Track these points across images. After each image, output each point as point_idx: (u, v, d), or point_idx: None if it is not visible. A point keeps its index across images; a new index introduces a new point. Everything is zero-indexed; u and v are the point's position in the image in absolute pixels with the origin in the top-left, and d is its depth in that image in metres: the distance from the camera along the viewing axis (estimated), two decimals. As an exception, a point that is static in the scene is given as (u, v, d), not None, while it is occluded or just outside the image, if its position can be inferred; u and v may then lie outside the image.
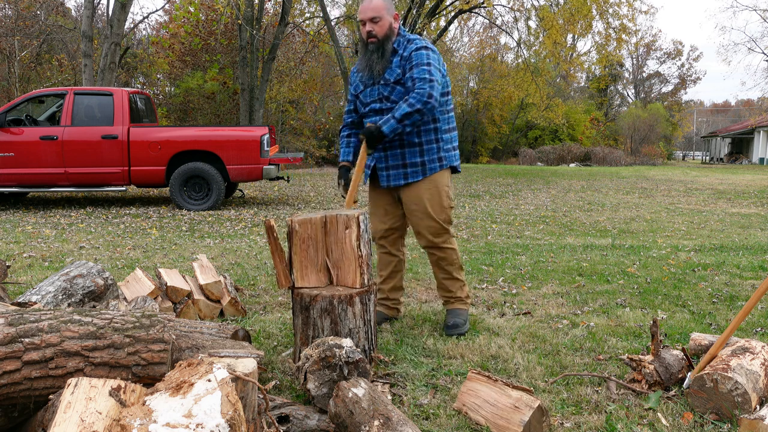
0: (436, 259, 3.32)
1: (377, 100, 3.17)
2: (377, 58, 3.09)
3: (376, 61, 3.09)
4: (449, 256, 3.29)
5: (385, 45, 3.08)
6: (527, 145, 34.07)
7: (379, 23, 3.06)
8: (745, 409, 2.20)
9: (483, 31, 31.60)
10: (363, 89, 3.23)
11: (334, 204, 9.83)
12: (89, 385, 1.57)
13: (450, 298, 3.38)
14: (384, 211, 3.34)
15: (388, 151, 3.18)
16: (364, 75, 3.20)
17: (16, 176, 8.53)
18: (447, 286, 3.35)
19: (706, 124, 56.97)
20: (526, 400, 2.11)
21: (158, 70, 24.57)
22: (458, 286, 3.35)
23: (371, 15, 3.05)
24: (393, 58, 3.10)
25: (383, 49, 3.08)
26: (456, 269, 3.33)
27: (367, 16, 3.06)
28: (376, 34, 3.06)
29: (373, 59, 3.10)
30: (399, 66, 3.08)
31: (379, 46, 3.08)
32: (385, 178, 3.22)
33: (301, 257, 2.73)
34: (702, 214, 8.95)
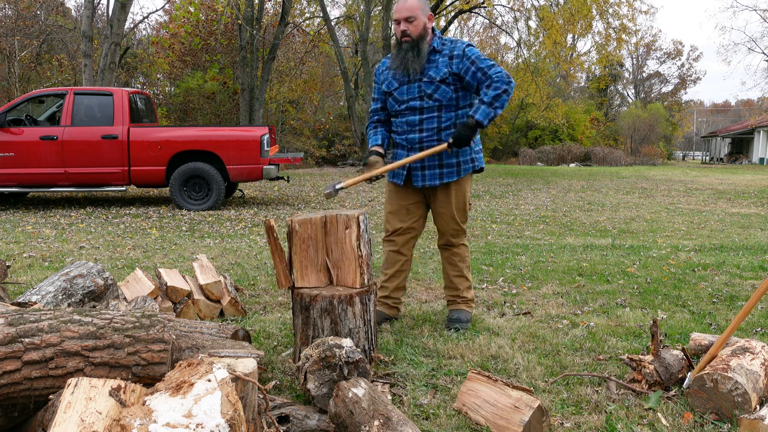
0: (449, 255, 3.41)
1: (417, 97, 3.19)
2: (413, 57, 3.13)
3: (412, 60, 3.13)
4: (462, 252, 3.41)
5: (419, 44, 3.13)
6: (527, 145, 34.06)
7: (414, 23, 3.10)
8: (745, 409, 2.20)
9: (483, 31, 31.64)
10: (398, 87, 3.24)
11: (334, 204, 9.83)
12: (89, 385, 1.57)
13: (456, 298, 3.42)
14: (406, 210, 3.36)
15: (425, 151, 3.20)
16: (398, 73, 3.22)
17: (16, 176, 8.53)
18: (456, 284, 3.40)
19: (706, 124, 56.98)
20: (526, 400, 2.11)
21: (158, 70, 24.57)
22: (466, 285, 3.42)
23: (406, 14, 3.10)
24: (434, 57, 3.15)
25: (418, 48, 3.13)
26: (466, 267, 3.43)
27: (402, 15, 3.11)
28: (410, 34, 3.11)
29: (408, 58, 3.13)
30: (447, 65, 3.12)
31: (413, 45, 3.13)
32: (420, 178, 3.26)
33: (301, 257, 2.73)
34: (702, 214, 8.95)
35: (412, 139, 3.23)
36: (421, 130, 3.21)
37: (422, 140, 3.21)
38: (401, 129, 3.27)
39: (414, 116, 3.21)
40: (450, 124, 3.19)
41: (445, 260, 3.45)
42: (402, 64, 3.16)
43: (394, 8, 3.18)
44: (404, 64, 3.16)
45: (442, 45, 3.17)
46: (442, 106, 3.17)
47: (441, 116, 3.18)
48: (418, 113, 3.20)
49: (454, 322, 3.30)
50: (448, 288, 3.46)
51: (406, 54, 3.14)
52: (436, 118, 3.18)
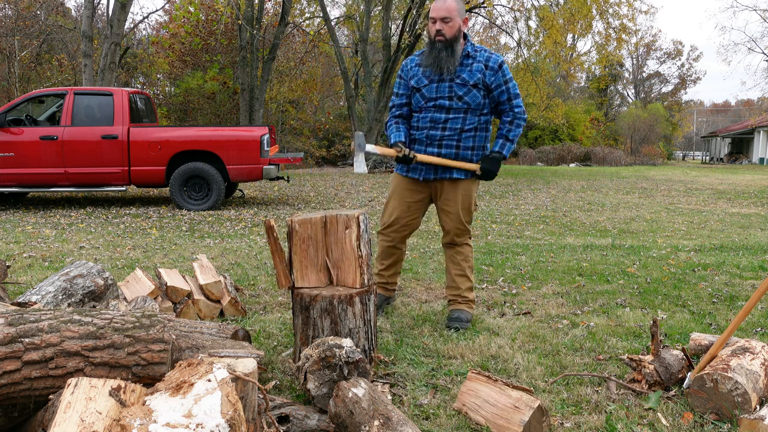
0: (452, 254, 3.48)
1: (447, 97, 3.25)
2: (446, 56, 3.18)
3: (446, 59, 3.18)
4: (466, 252, 3.47)
5: (453, 45, 3.19)
6: (527, 145, 34.05)
7: (450, 24, 3.16)
8: (745, 409, 2.20)
9: (483, 31, 31.64)
10: (427, 84, 3.28)
11: (334, 204, 9.83)
12: (89, 385, 1.57)
13: (458, 297, 3.45)
14: (407, 206, 3.43)
15: (443, 149, 3.29)
16: (428, 70, 3.27)
17: (16, 176, 8.52)
18: (457, 283, 3.45)
19: (706, 124, 56.97)
20: (526, 400, 2.11)
21: (158, 70, 24.58)
22: (467, 285, 3.46)
23: (444, 15, 3.14)
24: (467, 61, 3.24)
25: (452, 49, 3.18)
26: (468, 267, 3.48)
27: (439, 15, 3.15)
28: (445, 34, 3.16)
29: (441, 57, 3.18)
30: (481, 72, 3.22)
31: (447, 45, 3.18)
32: (433, 171, 3.33)
33: (301, 257, 2.73)
34: (702, 214, 8.95)
35: (433, 135, 3.29)
36: (444, 129, 3.28)
37: (443, 138, 3.28)
38: (423, 125, 3.32)
39: (440, 114, 3.27)
40: (472, 128, 3.29)
41: (449, 259, 3.52)
42: (435, 62, 3.21)
43: (431, 6, 3.23)
44: (437, 63, 3.20)
45: (475, 51, 3.26)
46: (469, 109, 3.26)
47: (466, 118, 3.27)
48: (444, 112, 3.27)
49: (454, 321, 3.33)
50: (449, 287, 3.51)
51: (439, 53, 3.19)
52: (461, 119, 3.27)
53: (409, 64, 3.40)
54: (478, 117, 3.29)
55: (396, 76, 3.47)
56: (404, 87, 3.39)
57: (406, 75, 3.39)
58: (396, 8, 21.77)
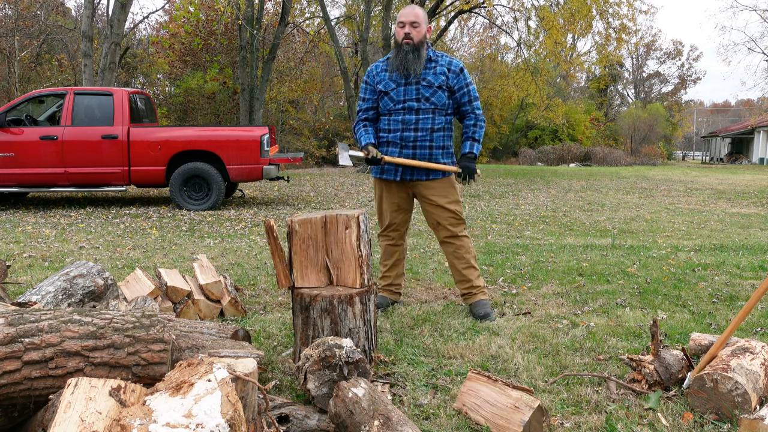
0: (454, 249, 3.57)
1: (415, 99, 3.43)
2: (413, 59, 3.37)
3: (412, 61, 3.37)
4: (466, 244, 3.58)
5: (420, 48, 3.39)
6: (527, 145, 34.05)
7: (417, 29, 3.37)
8: (745, 409, 2.20)
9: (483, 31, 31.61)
10: (395, 87, 3.44)
11: (334, 204, 9.83)
12: (89, 385, 1.57)
13: (471, 290, 3.58)
14: (397, 206, 3.60)
15: (417, 149, 3.45)
16: (394, 74, 3.44)
17: (16, 176, 8.52)
18: (467, 276, 3.57)
19: (706, 124, 56.95)
20: (526, 400, 2.11)
21: (158, 70, 24.58)
22: (476, 275, 3.60)
23: (413, 19, 3.37)
24: (429, 65, 3.43)
25: (419, 52, 3.38)
26: (472, 257, 3.60)
27: (409, 19, 3.37)
28: (413, 38, 3.36)
29: (408, 59, 3.37)
30: (444, 74, 3.42)
31: (414, 48, 3.37)
32: (409, 172, 3.48)
33: (301, 257, 2.73)
34: (702, 214, 8.95)
35: (407, 137, 3.44)
36: (416, 129, 3.44)
37: (416, 139, 3.44)
38: (395, 127, 3.48)
39: (411, 116, 3.44)
40: (441, 127, 3.48)
41: (451, 255, 3.61)
42: (402, 64, 3.39)
43: (400, 12, 3.43)
44: (404, 65, 3.38)
45: (436, 56, 3.47)
46: (436, 110, 3.44)
47: (435, 118, 3.45)
48: (414, 113, 3.44)
49: (483, 318, 3.44)
50: (460, 282, 3.62)
51: (406, 55, 3.37)
52: (431, 119, 3.44)
53: (375, 69, 3.56)
54: (444, 117, 3.48)
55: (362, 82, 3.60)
56: (370, 92, 3.55)
57: (372, 80, 3.54)
58: (396, 8, 21.76)
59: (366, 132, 3.52)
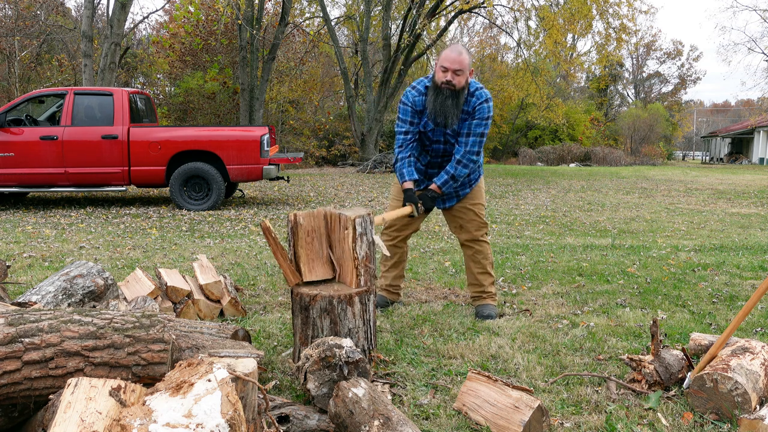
0: (472, 253, 3.60)
1: (443, 142, 3.45)
2: (452, 106, 3.27)
3: (451, 109, 3.27)
4: (485, 249, 3.61)
5: (459, 95, 3.28)
6: (527, 145, 34.03)
7: (461, 76, 3.25)
8: (745, 409, 2.20)
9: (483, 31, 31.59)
10: (433, 128, 3.40)
11: (334, 204, 9.83)
12: (89, 385, 1.57)
13: (481, 293, 3.61)
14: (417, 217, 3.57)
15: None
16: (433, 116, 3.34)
17: (16, 176, 8.52)
18: (480, 281, 3.60)
19: (706, 124, 56.94)
20: (526, 400, 2.11)
21: (158, 70, 24.57)
22: (490, 281, 3.62)
23: (457, 67, 3.22)
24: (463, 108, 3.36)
25: (458, 99, 3.28)
26: (489, 264, 3.63)
27: (453, 66, 3.22)
28: (455, 85, 3.24)
29: (447, 105, 3.27)
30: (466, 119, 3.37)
31: (455, 95, 3.27)
32: (440, 202, 3.57)
33: (307, 250, 2.75)
34: (702, 214, 8.95)
35: (432, 173, 3.54)
36: (441, 166, 3.51)
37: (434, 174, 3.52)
38: (422, 160, 3.55)
39: (437, 158, 3.51)
40: None
41: (469, 258, 3.64)
42: (442, 110, 3.29)
43: (444, 53, 3.27)
44: (444, 112, 3.29)
45: (469, 96, 3.34)
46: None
47: None
48: (440, 156, 3.50)
49: (485, 319, 3.46)
50: (472, 285, 3.66)
51: (446, 101, 3.27)
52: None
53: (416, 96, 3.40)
54: None
55: (401, 103, 3.47)
56: (412, 114, 3.41)
57: (415, 106, 3.40)
58: (396, 8, 21.77)
59: (409, 165, 3.42)
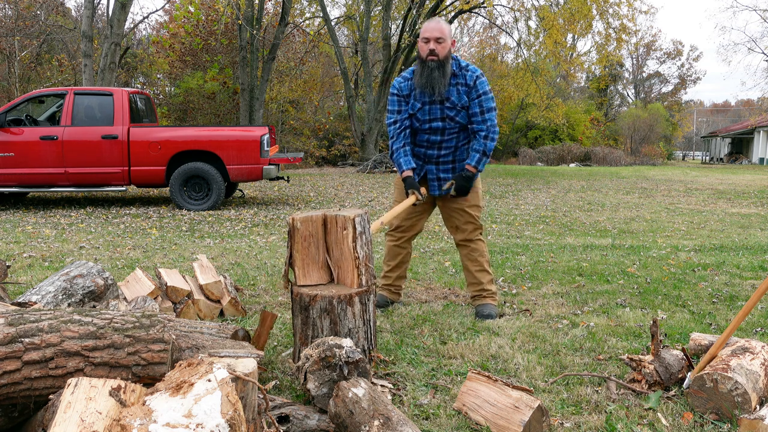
0: (468, 252, 3.60)
1: (440, 119, 3.41)
2: (438, 76, 3.29)
3: (438, 79, 3.29)
4: (481, 248, 3.60)
5: (444, 65, 3.31)
6: (527, 145, 34.03)
7: (443, 44, 3.28)
8: (745, 409, 2.20)
9: (483, 31, 31.60)
10: (420, 107, 3.41)
11: (334, 204, 9.83)
12: (89, 385, 1.57)
13: (481, 292, 3.60)
14: (412, 209, 3.56)
15: (440, 165, 3.49)
16: (419, 92, 3.37)
17: (16, 176, 8.52)
18: (479, 279, 3.59)
19: (706, 124, 56.94)
20: (526, 400, 2.11)
21: (158, 70, 24.57)
22: (488, 279, 3.61)
23: (437, 35, 3.27)
24: (453, 81, 3.37)
25: (444, 69, 3.30)
26: (486, 261, 3.62)
27: (433, 35, 3.27)
28: (438, 54, 3.27)
29: (434, 77, 3.29)
30: (466, 93, 3.36)
31: (439, 65, 3.29)
32: (437, 188, 3.52)
33: (302, 255, 2.74)
34: (702, 214, 8.95)
35: (430, 154, 3.49)
36: (440, 148, 3.47)
37: (439, 156, 3.48)
38: (420, 143, 3.50)
39: (436, 136, 3.45)
40: (465, 142, 3.48)
41: (465, 257, 3.63)
42: (428, 82, 3.31)
43: (424, 26, 3.35)
44: (430, 82, 3.31)
45: (460, 69, 3.38)
46: (461, 128, 3.44)
47: (459, 135, 3.46)
48: (440, 134, 3.44)
49: (485, 318, 3.45)
50: (471, 284, 3.65)
51: (432, 72, 3.30)
52: (455, 137, 3.46)
53: (404, 83, 3.46)
54: (467, 132, 3.47)
55: (389, 95, 3.54)
56: (403, 103, 3.45)
57: (400, 92, 3.45)
58: (396, 8, 21.77)
59: (405, 154, 3.44)
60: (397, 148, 3.46)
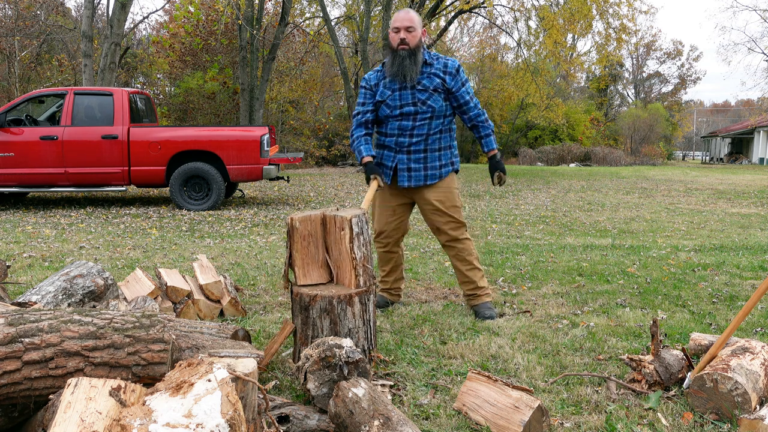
0: (456, 252, 3.55)
1: (411, 103, 3.39)
2: (410, 64, 3.32)
3: (409, 67, 3.32)
4: (468, 246, 3.56)
5: (416, 53, 3.34)
6: (527, 145, 34.04)
7: (413, 33, 3.33)
8: (745, 409, 2.20)
9: (483, 31, 31.60)
10: (390, 94, 3.41)
11: (334, 204, 9.83)
12: (89, 385, 1.57)
13: (475, 291, 3.58)
14: (392, 211, 3.56)
15: (411, 154, 3.44)
16: (390, 80, 3.39)
17: (16, 176, 8.52)
18: (470, 277, 3.56)
19: (706, 124, 56.94)
20: (526, 400, 2.11)
21: (158, 70, 24.57)
22: (480, 275, 3.59)
23: (408, 24, 3.32)
24: (425, 69, 3.39)
25: (415, 57, 3.33)
26: (475, 259, 3.59)
27: (404, 24, 3.33)
28: (408, 42, 3.32)
29: (405, 65, 3.32)
30: (439, 77, 3.38)
31: (411, 53, 3.32)
32: (406, 179, 3.47)
33: (302, 254, 2.74)
34: (702, 214, 8.95)
35: (402, 142, 3.44)
36: (411, 135, 3.43)
37: (411, 144, 3.43)
38: (392, 132, 3.46)
39: (407, 122, 3.42)
40: (438, 131, 3.45)
41: (454, 258, 3.59)
42: (400, 71, 3.34)
43: (394, 16, 3.39)
44: (402, 70, 3.33)
45: (432, 59, 3.42)
46: (433, 114, 3.41)
47: (431, 123, 3.42)
48: (411, 119, 3.41)
49: (485, 319, 3.45)
50: (464, 284, 3.62)
51: (404, 61, 3.33)
52: (427, 124, 3.42)
53: (372, 76, 3.51)
54: (442, 120, 3.45)
55: (360, 88, 3.57)
56: (370, 96, 3.49)
57: (368, 84, 3.50)
58: (396, 8, 21.77)
59: (366, 142, 3.47)
60: (357, 136, 3.49)
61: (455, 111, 3.51)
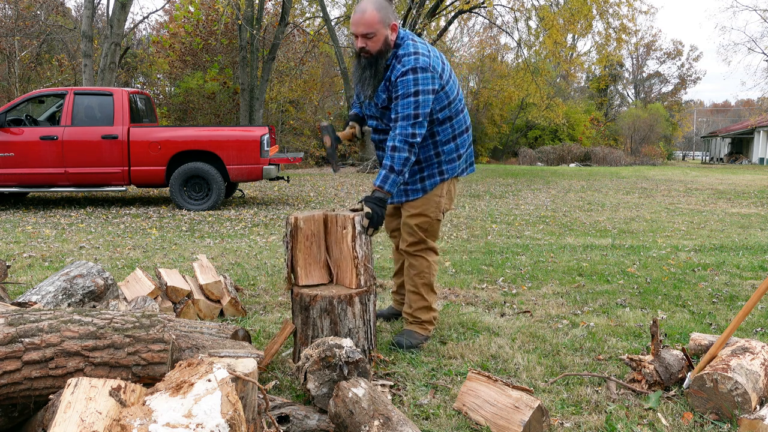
0: (407, 265, 3.09)
1: (373, 117, 3.02)
2: (369, 76, 2.83)
3: (368, 80, 2.84)
4: (420, 265, 3.03)
5: (378, 62, 2.80)
6: (527, 145, 34.03)
7: (373, 39, 2.75)
8: (745, 409, 2.20)
9: (483, 31, 31.58)
10: (364, 99, 3.00)
11: (334, 204, 9.83)
12: (89, 385, 1.57)
13: (408, 317, 3.10)
14: (390, 216, 3.24)
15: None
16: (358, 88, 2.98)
17: (16, 176, 8.52)
18: (409, 301, 3.09)
19: (706, 124, 56.94)
20: (526, 400, 2.11)
21: (158, 70, 24.58)
22: (420, 305, 3.06)
23: (363, 31, 2.74)
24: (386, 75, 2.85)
25: (376, 68, 2.81)
26: (423, 284, 3.05)
27: (359, 31, 2.75)
28: (370, 50, 2.78)
29: (365, 76, 2.85)
30: (384, 91, 2.85)
31: (371, 62, 2.81)
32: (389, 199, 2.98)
33: (305, 254, 2.74)
34: (702, 214, 8.95)
35: (379, 155, 3.05)
36: (381, 149, 3.03)
37: (382, 158, 2.94)
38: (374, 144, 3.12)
39: (375, 135, 3.05)
40: None
41: (404, 269, 3.18)
42: (360, 81, 2.90)
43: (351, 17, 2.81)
44: (362, 82, 2.88)
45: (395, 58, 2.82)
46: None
47: None
48: (375, 133, 3.04)
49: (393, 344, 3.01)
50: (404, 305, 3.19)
51: (363, 71, 2.85)
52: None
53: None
54: None
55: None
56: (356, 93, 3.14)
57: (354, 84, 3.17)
58: (396, 8, 21.76)
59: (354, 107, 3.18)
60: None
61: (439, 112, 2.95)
